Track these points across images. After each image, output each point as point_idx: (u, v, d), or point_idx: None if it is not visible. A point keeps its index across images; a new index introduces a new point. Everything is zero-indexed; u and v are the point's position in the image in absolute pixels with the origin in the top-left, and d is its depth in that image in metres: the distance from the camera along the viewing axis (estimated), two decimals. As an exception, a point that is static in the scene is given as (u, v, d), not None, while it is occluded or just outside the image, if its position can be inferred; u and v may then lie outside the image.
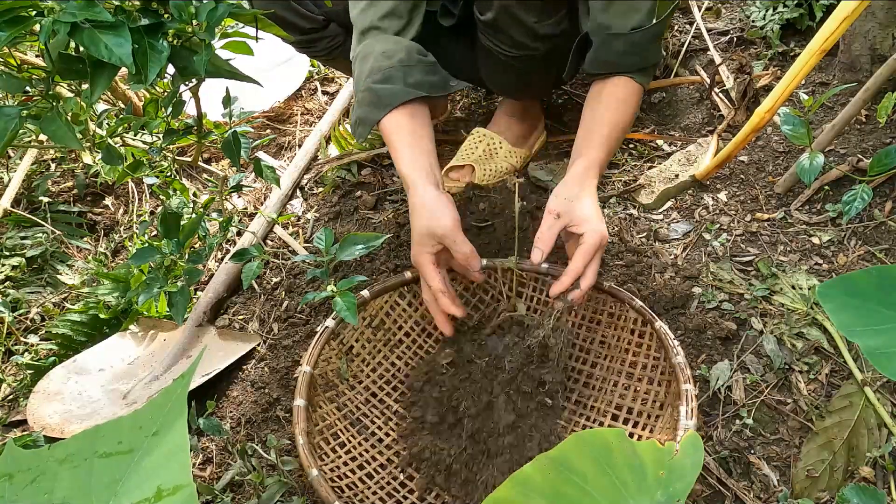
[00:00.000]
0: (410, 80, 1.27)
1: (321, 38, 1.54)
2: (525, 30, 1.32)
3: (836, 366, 1.19)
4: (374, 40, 1.31)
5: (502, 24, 1.32)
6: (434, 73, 1.33)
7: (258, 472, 1.17)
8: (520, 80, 1.52)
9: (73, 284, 1.73)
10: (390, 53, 1.28)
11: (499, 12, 1.29)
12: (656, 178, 1.57)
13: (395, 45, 1.29)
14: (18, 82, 0.91)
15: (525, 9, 1.28)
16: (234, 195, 1.81)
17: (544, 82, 1.58)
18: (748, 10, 1.93)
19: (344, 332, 1.25)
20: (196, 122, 1.13)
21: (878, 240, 1.36)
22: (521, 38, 1.34)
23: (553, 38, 1.35)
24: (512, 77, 1.52)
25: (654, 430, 1.11)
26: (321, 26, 1.51)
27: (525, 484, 0.65)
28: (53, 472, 0.55)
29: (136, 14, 0.82)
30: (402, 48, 1.29)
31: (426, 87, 1.28)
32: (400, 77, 1.26)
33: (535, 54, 1.38)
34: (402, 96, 1.25)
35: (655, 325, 1.15)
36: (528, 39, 1.34)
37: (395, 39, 1.31)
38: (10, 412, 1.46)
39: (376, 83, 1.26)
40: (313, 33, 1.52)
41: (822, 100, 1.28)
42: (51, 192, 1.96)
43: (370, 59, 1.28)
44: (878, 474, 1.07)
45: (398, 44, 1.30)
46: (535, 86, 1.57)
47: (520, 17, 1.30)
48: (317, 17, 1.49)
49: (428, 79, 1.30)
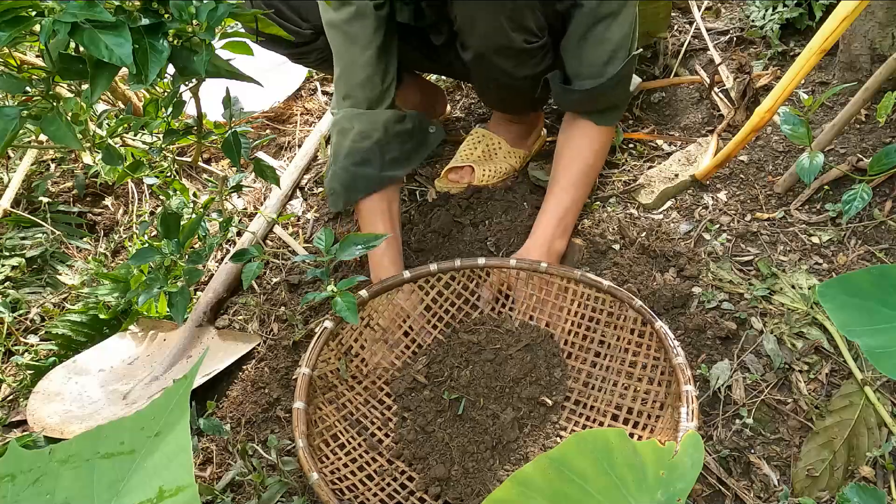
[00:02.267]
0: (388, 158, 1.37)
1: (312, 51, 1.54)
2: (504, 72, 1.33)
3: (836, 365, 1.20)
4: (352, 117, 1.36)
5: (482, 65, 1.34)
6: (411, 137, 1.42)
7: (258, 472, 1.17)
8: (510, 102, 1.54)
9: (73, 285, 1.73)
10: (367, 134, 1.36)
11: (475, 58, 1.31)
12: (656, 178, 1.57)
13: (372, 125, 1.36)
14: (18, 82, 0.91)
15: (502, 56, 1.29)
16: (234, 195, 1.81)
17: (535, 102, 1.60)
18: (748, 9, 1.93)
19: (343, 332, 1.25)
20: (196, 122, 1.13)
21: (877, 239, 1.36)
22: (502, 77, 1.36)
23: (535, 77, 1.36)
24: (500, 99, 1.54)
25: (655, 431, 1.11)
26: (310, 40, 1.51)
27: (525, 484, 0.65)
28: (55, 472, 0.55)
29: (136, 14, 0.82)
30: (379, 126, 1.36)
31: (402, 161, 1.40)
32: (377, 159, 1.36)
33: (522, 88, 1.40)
34: (377, 185, 1.37)
35: (655, 325, 1.15)
36: (509, 79, 1.36)
37: (372, 117, 1.36)
38: (10, 412, 1.46)
39: (354, 165, 1.36)
40: (304, 46, 1.52)
41: (821, 99, 1.28)
42: (51, 192, 1.96)
43: (348, 138, 1.36)
44: (879, 474, 1.07)
45: (374, 123, 1.36)
46: (525, 106, 1.59)
47: (497, 63, 1.30)
48: (304, 31, 1.49)
49: (405, 148, 1.40)
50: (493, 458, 1.13)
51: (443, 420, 1.18)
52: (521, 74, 1.34)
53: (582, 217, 1.52)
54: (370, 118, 1.36)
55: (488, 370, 1.21)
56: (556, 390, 1.20)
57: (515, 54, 1.29)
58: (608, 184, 1.61)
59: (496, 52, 1.28)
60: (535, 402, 1.18)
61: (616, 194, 1.57)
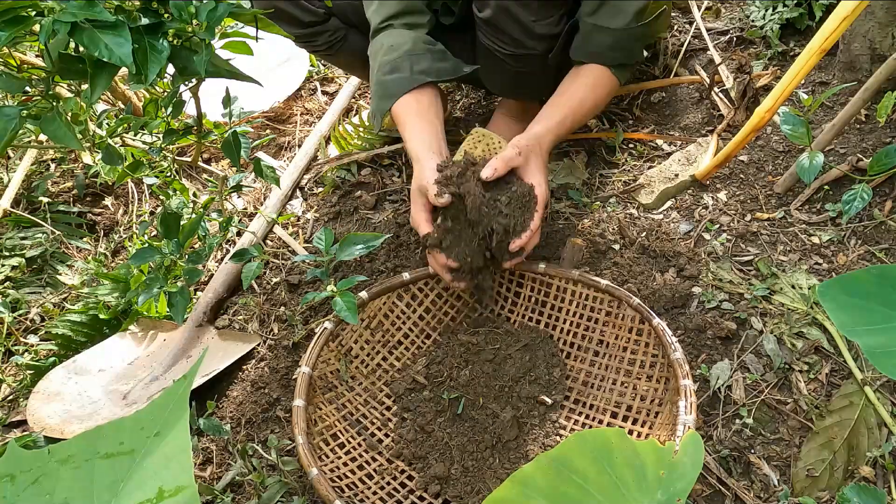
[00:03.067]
0: (417, 69, 1.33)
1: (322, 32, 1.54)
2: (522, 28, 1.33)
3: (836, 365, 1.19)
4: (384, 35, 1.38)
5: (500, 21, 1.33)
6: (443, 59, 1.39)
7: (258, 472, 1.18)
8: (517, 79, 1.53)
9: (73, 285, 1.73)
10: (397, 45, 1.35)
11: (496, 10, 1.30)
12: (656, 178, 1.57)
13: (402, 38, 1.36)
14: (18, 82, 0.91)
15: (523, 7, 1.29)
16: (233, 195, 1.81)
17: (542, 82, 1.59)
18: (748, 9, 1.93)
19: (343, 333, 1.25)
20: (196, 122, 1.13)
21: (877, 239, 1.36)
22: (519, 36, 1.35)
23: (550, 38, 1.36)
24: (510, 76, 1.52)
25: (654, 427, 1.11)
26: (322, 20, 1.52)
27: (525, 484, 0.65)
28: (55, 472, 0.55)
29: (136, 14, 0.82)
30: (408, 39, 1.36)
31: (433, 73, 1.34)
32: (406, 66, 1.33)
33: (533, 53, 1.39)
34: (407, 84, 1.32)
35: (653, 322, 1.15)
36: (526, 38, 1.35)
37: (404, 32, 1.37)
38: (10, 412, 1.46)
39: (385, 75, 1.33)
40: (314, 27, 1.52)
41: (821, 99, 1.28)
42: (50, 192, 1.96)
43: (380, 54, 1.36)
44: (879, 473, 1.07)
45: (405, 36, 1.36)
46: (532, 86, 1.58)
47: (517, 15, 1.30)
48: (318, 10, 1.50)
49: (436, 65, 1.36)
50: (492, 457, 1.13)
51: (442, 420, 1.18)
52: (538, 31, 1.34)
53: (582, 217, 1.52)
54: (401, 32, 1.37)
55: (487, 370, 1.21)
56: (555, 389, 1.20)
57: (536, 6, 1.30)
58: (608, 184, 1.61)
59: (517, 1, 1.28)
60: (534, 401, 1.18)
61: (616, 194, 1.57)
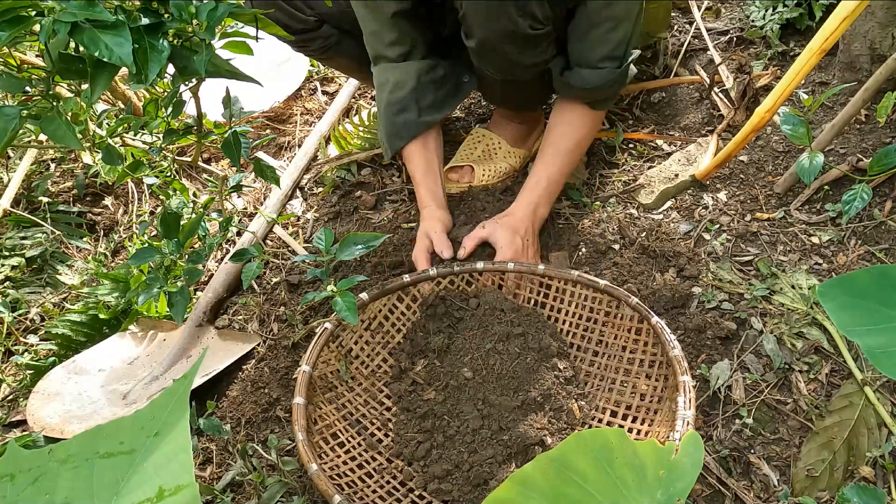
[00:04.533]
0: (424, 104, 1.43)
1: (315, 38, 1.54)
2: (509, 60, 1.33)
3: (836, 365, 1.19)
4: (385, 70, 1.44)
5: (486, 52, 1.33)
6: (444, 83, 1.45)
7: (258, 472, 1.18)
8: (513, 96, 1.55)
9: (73, 285, 1.73)
10: (401, 84, 1.43)
11: (480, 43, 1.31)
12: (656, 178, 1.57)
13: (405, 75, 1.42)
14: (18, 82, 0.91)
15: (508, 42, 1.29)
16: (233, 195, 1.81)
17: (538, 96, 1.60)
18: (748, 9, 1.93)
19: (343, 334, 1.25)
20: (196, 122, 1.13)
21: (877, 239, 1.36)
22: (506, 66, 1.36)
23: (538, 66, 1.37)
24: (503, 94, 1.55)
25: (654, 424, 1.11)
26: (314, 27, 1.51)
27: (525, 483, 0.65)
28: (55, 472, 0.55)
29: (136, 14, 0.82)
30: (412, 75, 1.42)
31: (436, 108, 1.45)
32: (413, 106, 1.43)
33: (524, 78, 1.39)
34: (415, 129, 1.44)
35: (652, 320, 1.15)
36: (513, 68, 1.36)
37: (404, 67, 1.43)
38: (10, 412, 1.46)
39: (394, 115, 1.44)
40: (306, 34, 1.52)
41: (821, 99, 1.28)
42: (50, 192, 1.96)
43: (385, 91, 1.44)
44: (878, 474, 1.07)
45: (407, 72, 1.42)
46: (529, 100, 1.59)
47: (501, 49, 1.30)
48: (308, 18, 1.49)
49: (440, 94, 1.45)
50: (492, 457, 1.12)
51: (442, 419, 1.17)
52: (525, 62, 1.35)
53: (582, 217, 1.52)
54: (403, 69, 1.43)
55: (488, 371, 1.21)
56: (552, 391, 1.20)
57: (521, 40, 1.29)
58: (608, 184, 1.61)
59: (502, 37, 1.28)
60: (534, 401, 1.18)
61: (616, 194, 1.57)
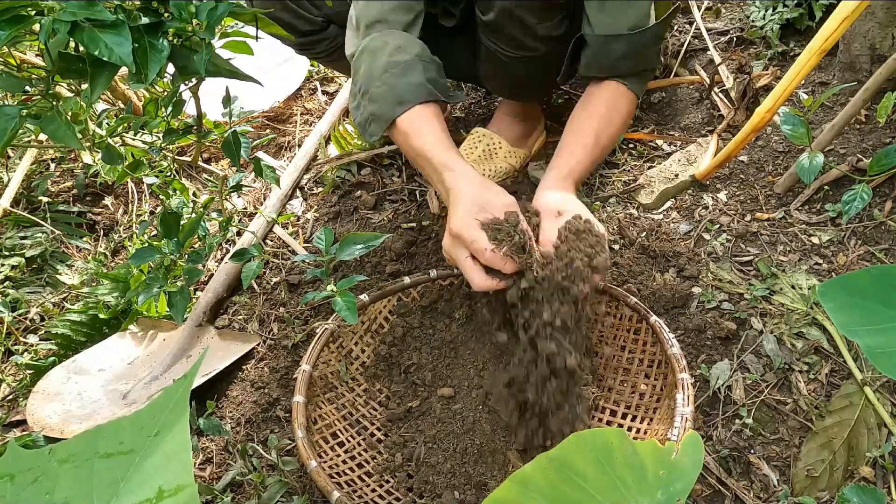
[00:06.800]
0: (429, 76, 1.20)
1: (321, 40, 1.53)
2: (526, 30, 1.32)
3: (836, 365, 1.19)
4: (384, 35, 1.23)
5: (503, 24, 1.32)
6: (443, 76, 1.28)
7: (258, 472, 1.17)
8: (518, 81, 1.52)
9: (73, 284, 1.73)
10: (405, 47, 1.21)
11: (500, 13, 1.30)
12: (656, 178, 1.57)
13: (409, 41, 1.23)
14: (18, 82, 0.91)
15: (526, 9, 1.29)
16: (233, 195, 1.81)
17: (543, 84, 1.59)
18: (748, 9, 1.93)
19: (343, 335, 1.25)
20: (196, 122, 1.13)
21: (877, 239, 1.36)
22: (522, 37, 1.34)
23: (553, 40, 1.35)
24: (511, 78, 1.52)
25: (653, 422, 1.11)
26: (320, 28, 1.51)
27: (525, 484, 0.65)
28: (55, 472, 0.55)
29: (136, 13, 0.82)
30: (416, 44, 1.24)
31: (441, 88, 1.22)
32: (419, 71, 1.19)
33: (536, 55, 1.38)
34: (424, 94, 1.17)
35: (650, 319, 1.15)
36: (529, 39, 1.34)
37: (407, 35, 1.25)
38: (10, 412, 1.46)
39: (395, 77, 1.18)
40: (312, 35, 1.51)
41: (821, 99, 1.28)
42: (50, 191, 1.96)
43: (383, 54, 1.20)
44: (878, 474, 1.07)
45: (410, 40, 1.24)
46: (533, 87, 1.58)
47: (521, 17, 1.30)
48: (315, 18, 1.48)
49: (441, 80, 1.24)
50: (492, 456, 1.13)
51: (443, 420, 1.18)
52: (542, 33, 1.32)
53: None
54: (405, 36, 1.24)
55: (488, 371, 1.21)
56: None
57: (538, 9, 1.27)
58: (608, 184, 1.61)
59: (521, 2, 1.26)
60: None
61: (616, 194, 1.57)
